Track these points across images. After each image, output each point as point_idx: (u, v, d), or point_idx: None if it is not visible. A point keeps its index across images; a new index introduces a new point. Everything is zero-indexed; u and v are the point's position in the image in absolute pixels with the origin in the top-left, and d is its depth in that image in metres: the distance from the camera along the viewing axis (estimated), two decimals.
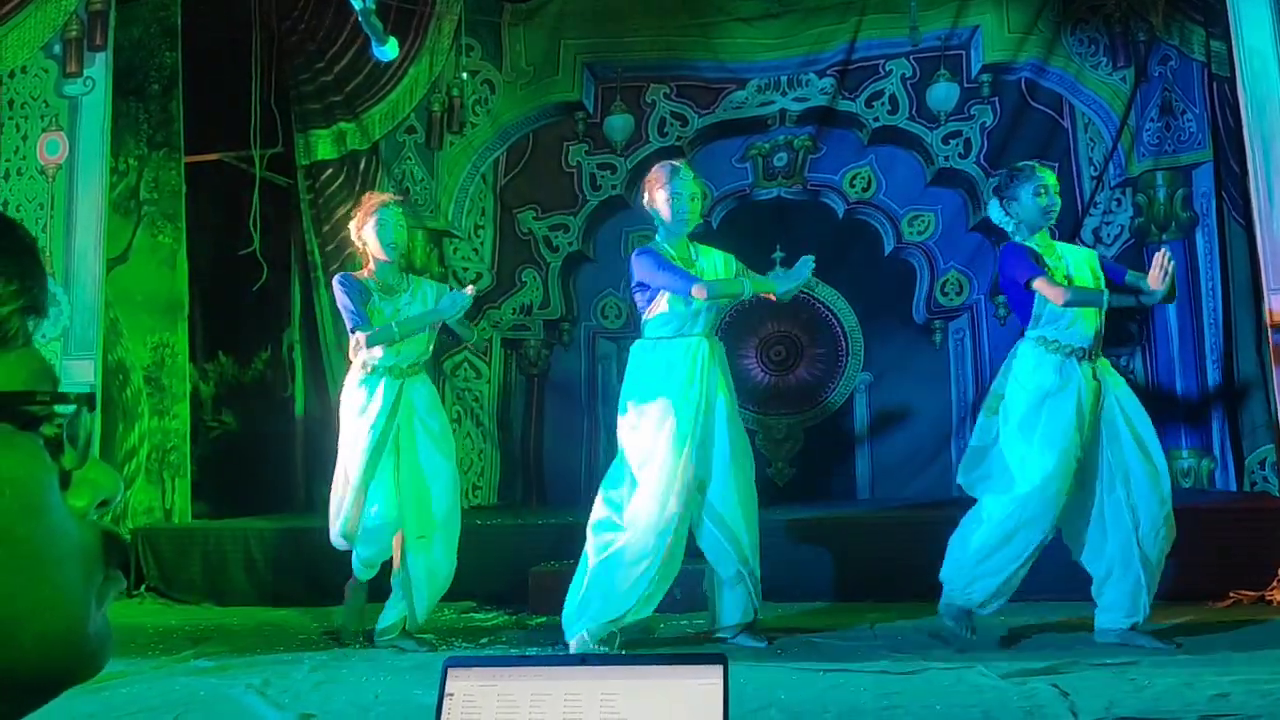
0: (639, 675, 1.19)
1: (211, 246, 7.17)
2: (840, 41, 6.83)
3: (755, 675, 3.55)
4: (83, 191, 5.86)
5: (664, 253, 4.23)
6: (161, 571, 5.76)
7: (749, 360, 6.97)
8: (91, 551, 0.56)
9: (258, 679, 3.76)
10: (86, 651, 0.54)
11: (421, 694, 3.46)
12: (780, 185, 6.97)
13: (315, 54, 6.89)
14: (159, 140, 6.44)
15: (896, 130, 6.81)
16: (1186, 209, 6.28)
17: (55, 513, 0.53)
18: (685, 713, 1.16)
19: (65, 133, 5.92)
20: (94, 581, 0.55)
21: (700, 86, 7.07)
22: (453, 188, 7.10)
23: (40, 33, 5.88)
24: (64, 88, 5.95)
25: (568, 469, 6.95)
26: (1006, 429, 4.05)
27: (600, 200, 7.14)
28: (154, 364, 6.38)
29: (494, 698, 1.19)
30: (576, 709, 1.17)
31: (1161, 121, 6.37)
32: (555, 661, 1.24)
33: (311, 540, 5.65)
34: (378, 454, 4.29)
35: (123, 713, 3.32)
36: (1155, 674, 3.43)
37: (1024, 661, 3.66)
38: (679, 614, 4.80)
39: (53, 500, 0.53)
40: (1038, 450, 3.96)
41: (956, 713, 3.09)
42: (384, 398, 4.31)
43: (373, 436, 4.28)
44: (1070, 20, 6.57)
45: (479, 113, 7.12)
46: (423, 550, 4.32)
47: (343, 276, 4.45)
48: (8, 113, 5.98)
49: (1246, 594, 4.62)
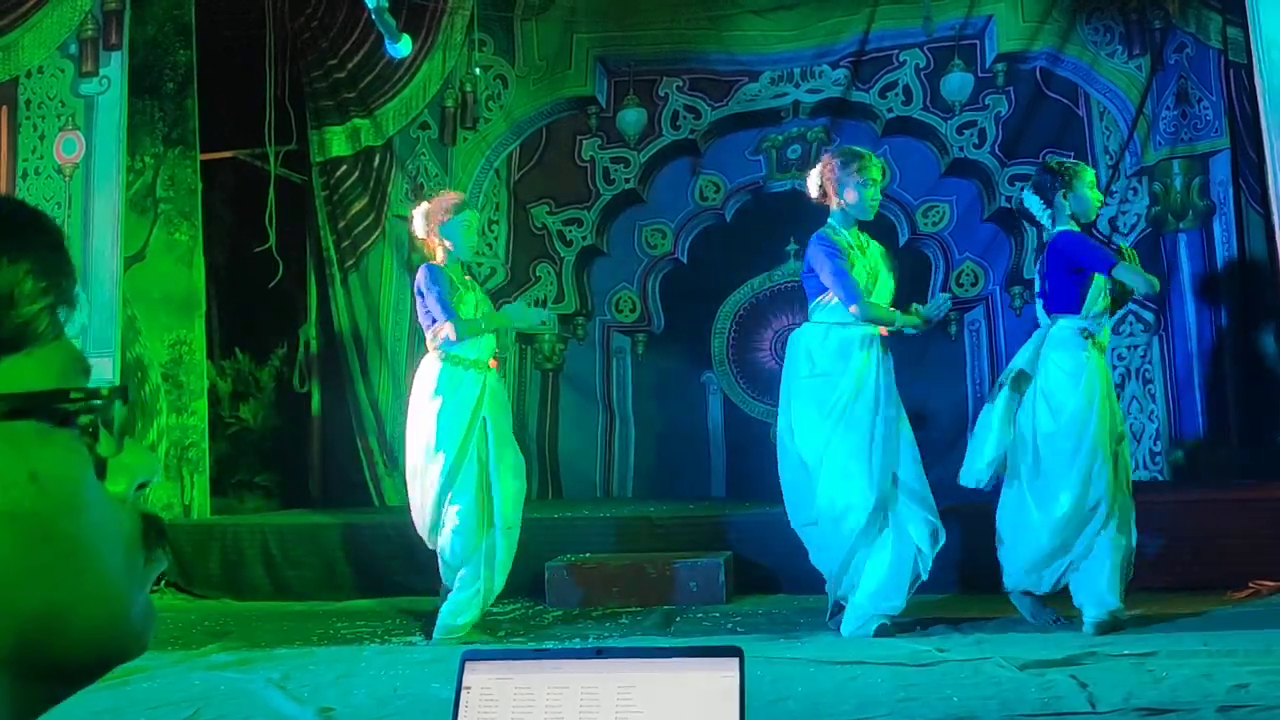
0: (656, 668, 1.19)
1: (227, 244, 7.20)
2: (853, 32, 6.81)
3: (772, 668, 3.55)
4: (99, 190, 5.88)
5: (841, 244, 4.28)
6: (180, 567, 5.79)
7: (763, 353, 6.97)
8: (132, 536, 0.57)
9: (277, 673, 3.78)
10: (131, 633, 0.56)
11: (439, 688, 3.48)
12: (794, 177, 6.95)
13: (328, 51, 6.91)
14: (174, 138, 6.46)
15: (911, 121, 6.78)
16: (1203, 197, 6.24)
17: (95, 505, 0.54)
18: (702, 705, 1.16)
19: (82, 132, 5.95)
20: (135, 566, 0.57)
21: (713, 79, 7.06)
22: (466, 183, 7.11)
23: (56, 33, 5.91)
24: (80, 87, 5.98)
25: (583, 463, 6.96)
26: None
27: (614, 194, 7.13)
28: (172, 361, 6.41)
29: (511, 691, 1.20)
30: (593, 702, 1.18)
31: (1178, 110, 6.33)
32: (572, 655, 1.25)
33: (329, 535, 5.68)
34: (466, 449, 4.25)
35: (143, 707, 3.35)
36: (1174, 665, 3.41)
37: (1042, 652, 3.65)
38: (697, 606, 4.81)
39: (92, 493, 0.54)
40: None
41: (974, 704, 3.09)
42: (472, 391, 4.30)
43: (461, 430, 4.24)
44: (1085, 8, 6.53)
45: (492, 108, 7.12)
46: (509, 541, 4.33)
47: (431, 267, 4.42)
48: (25, 112, 6.01)
49: (1265, 584, 4.60)
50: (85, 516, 0.53)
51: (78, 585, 0.53)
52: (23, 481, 0.51)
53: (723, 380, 7.01)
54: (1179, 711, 2.91)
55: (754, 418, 6.91)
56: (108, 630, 0.55)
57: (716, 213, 7.07)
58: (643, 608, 4.86)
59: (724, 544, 5.25)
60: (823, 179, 4.35)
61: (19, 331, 0.52)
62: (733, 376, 7.01)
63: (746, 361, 7.00)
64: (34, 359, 0.53)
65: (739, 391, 6.99)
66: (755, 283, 7.01)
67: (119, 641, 0.55)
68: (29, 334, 0.53)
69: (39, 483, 0.51)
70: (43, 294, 0.53)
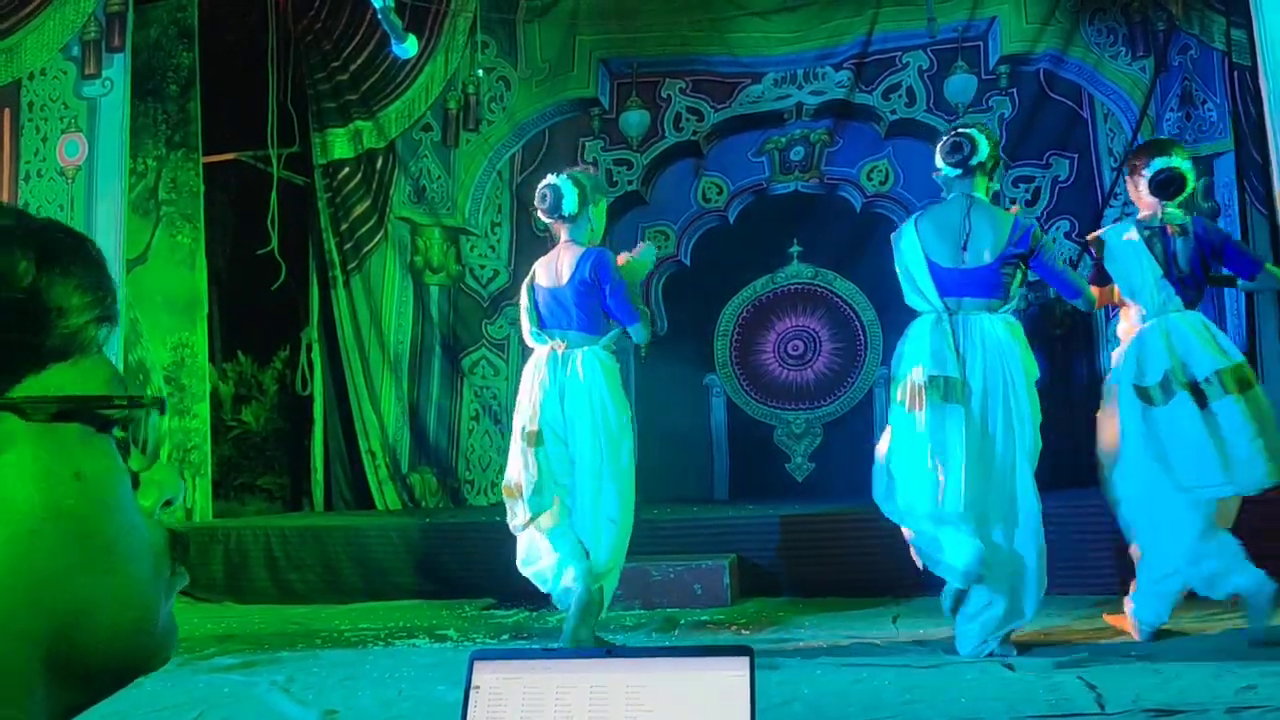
0: (665, 667, 1.18)
1: (230, 246, 7.20)
2: (856, 34, 6.81)
3: (779, 670, 3.54)
4: (102, 192, 5.88)
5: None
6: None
7: (767, 355, 6.96)
8: (160, 548, 0.60)
9: (281, 676, 3.77)
10: (155, 642, 0.58)
11: (444, 690, 3.47)
12: (797, 179, 6.95)
13: (331, 53, 6.91)
14: (177, 141, 6.46)
15: (914, 122, 6.78)
16: (1208, 199, 6.23)
17: (129, 510, 0.57)
18: (712, 705, 1.15)
19: (84, 134, 5.94)
20: (162, 576, 0.59)
21: (716, 81, 7.05)
22: (469, 185, 7.11)
23: (59, 35, 5.91)
24: (83, 89, 5.98)
25: None
26: None
27: (616, 196, 7.12)
28: (174, 364, 6.41)
29: (520, 690, 1.18)
30: (603, 701, 1.16)
31: (1182, 111, 6.32)
32: (581, 654, 1.23)
33: (332, 538, 5.67)
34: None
35: (147, 710, 3.34)
36: (1182, 666, 3.40)
37: (1050, 655, 3.64)
38: (700, 608, 4.80)
39: (127, 498, 0.57)
40: None
41: (981, 705, 3.07)
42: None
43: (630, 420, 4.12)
44: (1089, 10, 6.53)
45: (495, 110, 7.12)
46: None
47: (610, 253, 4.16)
48: (27, 115, 6.01)
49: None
50: (120, 519, 0.56)
51: (108, 585, 0.55)
52: (68, 479, 0.54)
53: (726, 382, 7.00)
54: (1187, 713, 2.90)
55: (757, 420, 6.90)
56: (132, 635, 0.57)
57: (719, 214, 7.07)
58: (645, 610, 4.85)
59: (728, 546, 5.23)
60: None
61: (67, 341, 0.56)
62: (736, 379, 7.00)
63: (750, 364, 6.99)
64: (79, 369, 0.56)
65: (742, 394, 6.98)
66: (758, 284, 7.00)
67: (143, 649, 0.58)
68: (76, 344, 0.56)
69: (83, 481, 0.55)
70: (89, 308, 0.57)
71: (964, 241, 3.85)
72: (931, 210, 4.06)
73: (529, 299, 4.21)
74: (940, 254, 3.87)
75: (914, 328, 3.90)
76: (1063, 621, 4.20)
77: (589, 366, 4.03)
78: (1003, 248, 3.81)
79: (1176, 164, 4.01)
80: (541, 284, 4.16)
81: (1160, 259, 3.95)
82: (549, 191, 4.10)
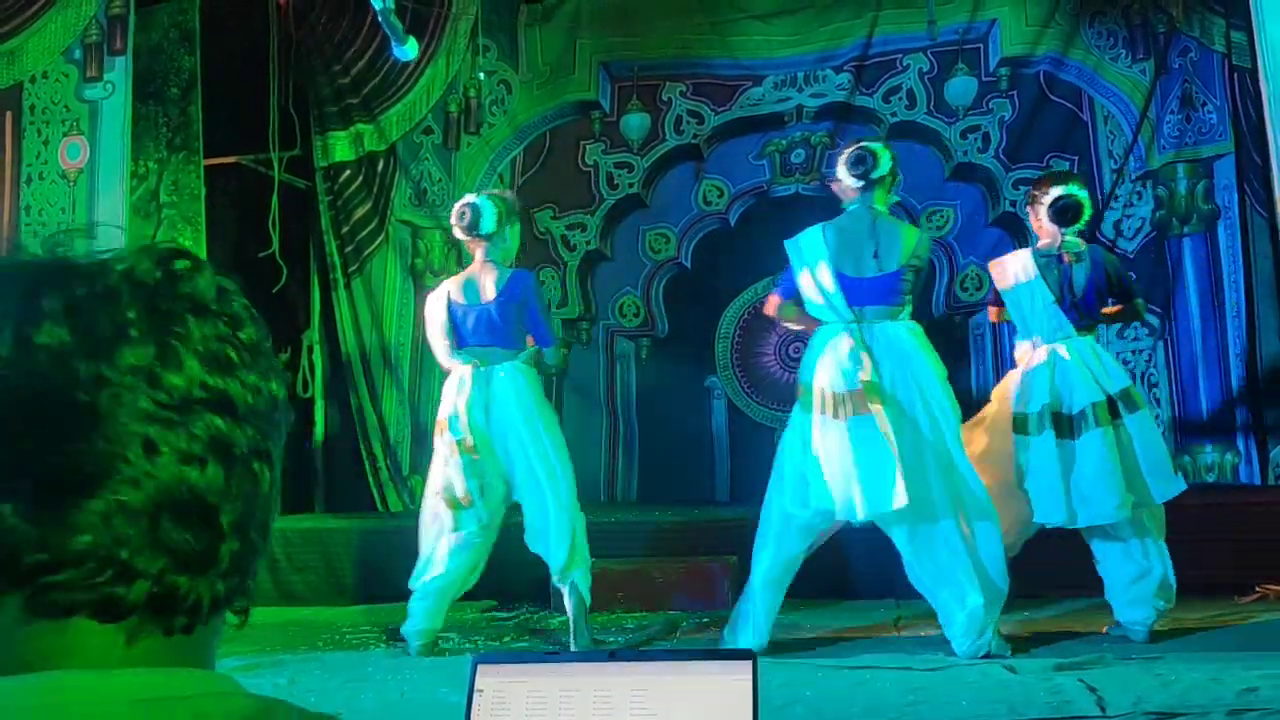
0: (669, 671, 1.19)
1: (231, 249, 7.19)
2: (857, 37, 6.81)
3: (781, 673, 3.54)
4: (104, 195, 5.88)
5: None
6: None
7: (768, 358, 6.96)
8: None
9: (283, 678, 3.77)
10: None
11: (447, 692, 3.47)
12: (798, 182, 6.96)
13: (332, 56, 6.91)
14: (178, 143, 6.47)
15: (914, 125, 6.78)
16: (1208, 202, 6.24)
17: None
18: (715, 708, 1.16)
19: (86, 137, 5.95)
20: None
21: (716, 84, 7.06)
22: (470, 188, 7.09)
23: (60, 38, 5.92)
24: (84, 92, 5.98)
25: (587, 468, 6.91)
26: None
27: (617, 199, 7.14)
28: None
29: (523, 694, 1.19)
30: (606, 705, 1.17)
31: (1182, 114, 6.33)
32: (585, 658, 1.24)
33: (334, 541, 5.67)
34: None
35: None
36: (1183, 669, 3.40)
37: (1050, 656, 3.64)
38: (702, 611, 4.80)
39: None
40: None
41: (982, 708, 3.08)
42: None
43: None
44: (1089, 12, 6.53)
45: (496, 113, 7.13)
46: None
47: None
48: (29, 118, 6.01)
49: (1272, 588, 4.59)
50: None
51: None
52: None
53: (727, 385, 7.01)
54: (1188, 715, 2.91)
55: (758, 422, 6.91)
56: None
57: (720, 217, 7.07)
58: (647, 612, 4.85)
59: (729, 548, 5.23)
60: None
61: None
62: (737, 381, 7.00)
63: (750, 366, 7.00)
64: None
65: (743, 396, 6.98)
66: (759, 287, 6.99)
67: None
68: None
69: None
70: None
71: (875, 250, 3.96)
72: (836, 221, 4.14)
73: (446, 317, 4.23)
74: (845, 264, 3.98)
75: (818, 336, 3.98)
76: (1063, 622, 4.21)
77: (515, 380, 4.18)
78: (907, 258, 3.94)
79: (1073, 191, 4.14)
80: (459, 301, 4.20)
81: (1054, 286, 4.05)
82: (468, 210, 4.21)
